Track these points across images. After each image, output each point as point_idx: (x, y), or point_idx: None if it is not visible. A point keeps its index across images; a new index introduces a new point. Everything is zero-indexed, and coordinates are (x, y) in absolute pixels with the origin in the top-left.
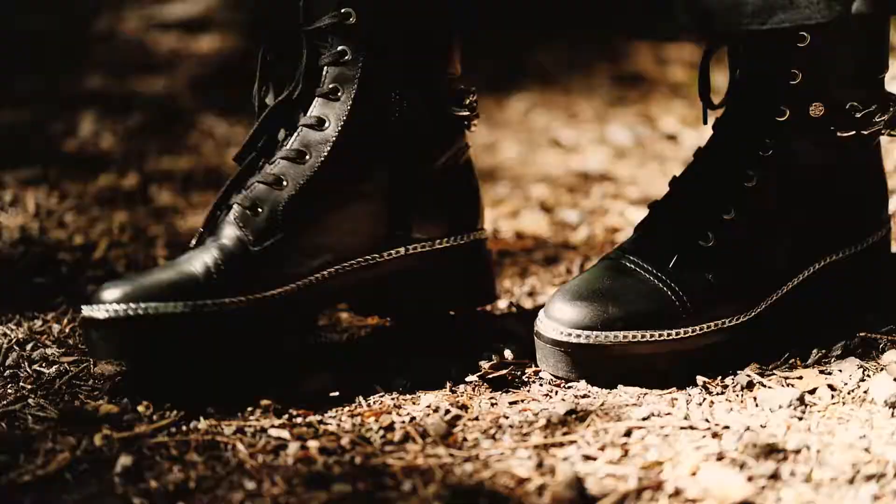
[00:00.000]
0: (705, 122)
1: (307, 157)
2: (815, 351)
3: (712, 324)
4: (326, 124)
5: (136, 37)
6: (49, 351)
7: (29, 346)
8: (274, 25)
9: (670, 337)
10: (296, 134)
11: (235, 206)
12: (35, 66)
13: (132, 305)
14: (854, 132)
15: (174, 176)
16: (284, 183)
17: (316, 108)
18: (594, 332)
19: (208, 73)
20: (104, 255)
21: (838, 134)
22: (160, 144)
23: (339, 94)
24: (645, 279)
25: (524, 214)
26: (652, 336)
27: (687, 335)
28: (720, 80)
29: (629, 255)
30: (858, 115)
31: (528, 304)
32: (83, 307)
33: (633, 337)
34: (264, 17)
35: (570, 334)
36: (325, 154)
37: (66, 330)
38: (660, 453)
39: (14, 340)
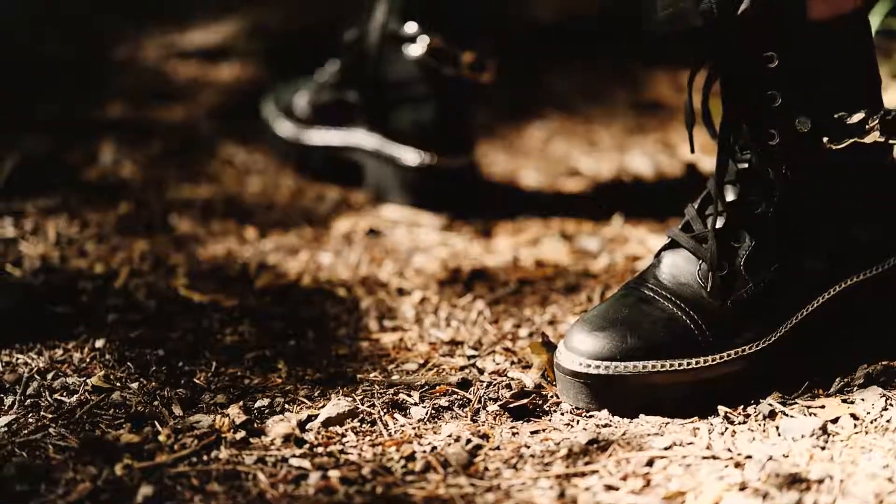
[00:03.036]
0: (692, 151)
1: None
2: (837, 379)
3: (732, 352)
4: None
5: (155, 65)
6: (70, 380)
7: (50, 376)
8: None
9: (690, 366)
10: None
11: None
12: (55, 94)
13: None
14: (849, 141)
15: (194, 204)
16: None
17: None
18: (613, 363)
19: (228, 101)
20: (125, 283)
21: (832, 147)
22: (180, 173)
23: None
24: (664, 307)
25: (544, 243)
26: (672, 366)
27: (707, 364)
28: None
29: (648, 283)
30: (849, 123)
31: (549, 332)
32: None
33: (653, 367)
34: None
35: (588, 365)
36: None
37: (87, 359)
38: (682, 483)
39: (35, 369)
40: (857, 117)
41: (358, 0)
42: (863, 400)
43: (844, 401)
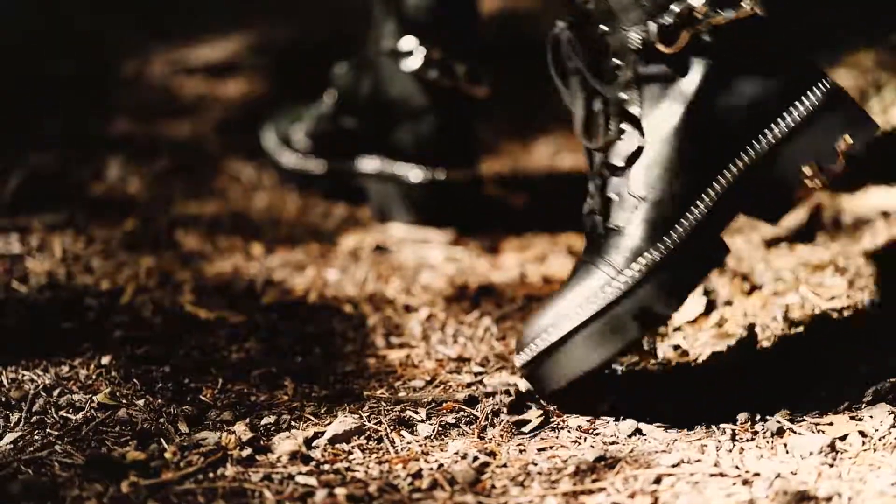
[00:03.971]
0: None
1: None
2: (845, 396)
3: (643, 266)
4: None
5: (162, 81)
6: (76, 397)
7: (56, 392)
8: None
9: (607, 303)
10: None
11: None
12: (62, 109)
13: None
14: (685, 38)
15: (201, 220)
16: None
17: None
18: (534, 343)
19: (235, 117)
20: (131, 300)
21: (665, 50)
22: (187, 189)
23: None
24: (578, 267)
25: (551, 258)
26: (585, 310)
27: (622, 292)
28: None
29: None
30: (670, 23)
31: None
32: None
33: (567, 327)
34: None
35: (518, 361)
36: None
37: (93, 376)
38: (690, 501)
39: (41, 386)
40: (672, 21)
41: (362, 15)
42: (871, 417)
43: (853, 418)
